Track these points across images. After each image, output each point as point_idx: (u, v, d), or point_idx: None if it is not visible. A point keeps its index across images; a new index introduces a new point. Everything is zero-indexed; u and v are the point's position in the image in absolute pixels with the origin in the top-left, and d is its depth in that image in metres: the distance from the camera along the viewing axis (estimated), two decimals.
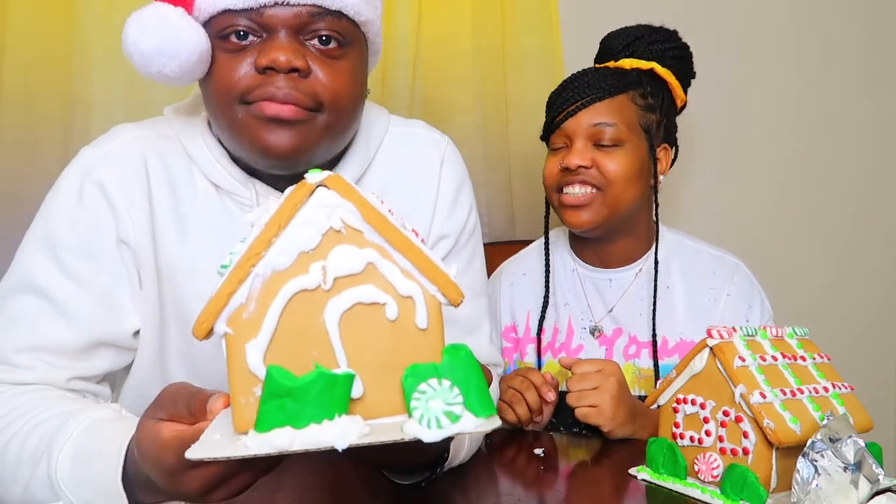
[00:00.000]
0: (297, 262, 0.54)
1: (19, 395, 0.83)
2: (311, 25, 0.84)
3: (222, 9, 0.82)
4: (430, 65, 1.59)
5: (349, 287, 0.54)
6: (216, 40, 0.84)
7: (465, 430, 0.51)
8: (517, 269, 1.39)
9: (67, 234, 0.90)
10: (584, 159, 1.22)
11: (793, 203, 1.81)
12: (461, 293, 0.54)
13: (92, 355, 0.90)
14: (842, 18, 1.79)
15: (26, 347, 0.87)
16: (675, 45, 1.31)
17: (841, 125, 1.81)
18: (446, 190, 1.03)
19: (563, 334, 1.31)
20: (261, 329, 0.53)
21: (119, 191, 0.91)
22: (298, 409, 0.50)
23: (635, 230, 1.30)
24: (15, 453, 0.77)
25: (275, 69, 0.82)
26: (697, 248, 1.32)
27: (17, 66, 1.38)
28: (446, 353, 0.52)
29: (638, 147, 1.25)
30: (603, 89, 1.24)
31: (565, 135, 1.25)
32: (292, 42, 0.83)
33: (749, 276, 1.28)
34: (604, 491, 0.91)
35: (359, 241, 0.54)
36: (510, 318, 1.36)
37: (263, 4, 0.82)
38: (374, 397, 0.54)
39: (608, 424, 1.06)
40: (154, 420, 0.63)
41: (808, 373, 0.84)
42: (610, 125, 1.23)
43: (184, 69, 0.83)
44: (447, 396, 0.51)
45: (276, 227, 0.54)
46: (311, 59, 0.84)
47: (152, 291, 0.93)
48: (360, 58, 0.90)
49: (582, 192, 1.23)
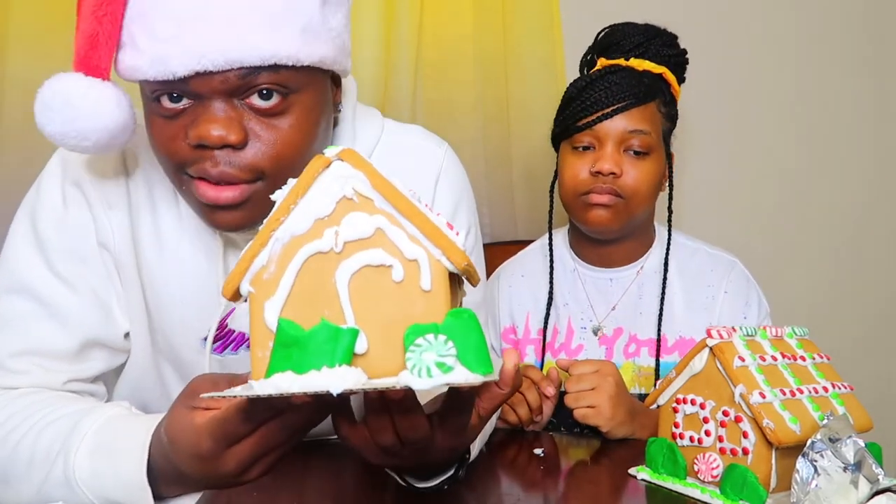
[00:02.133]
0: (313, 227, 0.57)
1: (22, 398, 0.83)
2: (244, 86, 0.75)
3: (142, 79, 0.75)
4: (432, 67, 1.60)
5: (359, 250, 0.57)
6: (150, 102, 0.78)
7: (455, 381, 0.52)
8: (515, 271, 1.38)
9: (54, 234, 0.89)
10: (617, 166, 1.20)
11: (793, 202, 1.80)
12: (465, 257, 0.56)
13: (86, 357, 0.90)
14: (842, 15, 1.78)
15: (21, 352, 0.86)
16: (679, 52, 1.30)
17: (841, 124, 1.81)
18: (443, 205, 0.99)
19: (562, 334, 1.31)
20: (278, 288, 0.57)
21: (96, 191, 0.90)
22: (302, 357, 0.54)
23: (638, 232, 1.31)
24: (27, 454, 0.76)
25: (207, 146, 0.75)
26: (695, 246, 1.32)
27: (19, 65, 1.39)
28: (450, 315, 0.54)
29: (661, 157, 1.25)
30: (638, 94, 1.22)
31: (595, 136, 1.22)
32: (226, 109, 0.75)
33: (745, 273, 1.29)
34: (603, 491, 0.91)
35: (369, 209, 0.57)
36: (509, 319, 1.35)
37: (182, 77, 0.73)
38: (378, 356, 0.56)
39: (607, 425, 1.06)
40: (187, 409, 0.65)
41: (807, 373, 0.84)
42: (644, 132, 1.21)
43: (100, 146, 0.78)
44: (441, 349, 0.53)
45: (294, 196, 0.58)
46: (249, 123, 0.76)
47: (136, 294, 0.92)
48: (314, 98, 0.81)
49: (607, 196, 1.22)
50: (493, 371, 0.55)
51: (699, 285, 1.28)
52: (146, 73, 0.74)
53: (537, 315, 1.33)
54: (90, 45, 0.76)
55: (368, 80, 1.51)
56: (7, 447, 0.78)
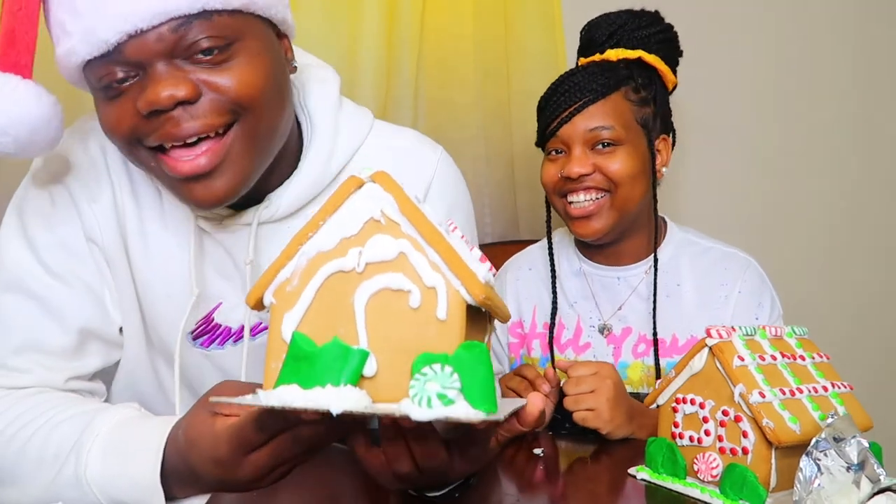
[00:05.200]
0: (339, 245, 0.58)
1: (28, 398, 0.83)
2: (181, 42, 0.73)
3: (80, 62, 0.74)
4: (433, 66, 1.60)
5: (380, 273, 0.57)
6: (96, 91, 0.77)
7: (454, 416, 0.51)
8: (523, 264, 1.38)
9: (44, 231, 0.89)
10: (585, 166, 1.20)
11: (793, 200, 1.80)
12: (484, 289, 0.56)
13: (84, 352, 0.90)
14: (841, 6, 1.78)
15: (19, 349, 0.86)
16: (660, 29, 1.28)
17: (842, 123, 1.80)
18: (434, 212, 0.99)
19: (570, 331, 1.30)
20: (298, 302, 0.58)
21: (80, 187, 0.90)
22: (309, 372, 0.54)
23: (642, 227, 1.29)
24: (35, 454, 0.76)
25: (160, 110, 0.74)
26: (708, 245, 1.30)
27: None
28: (462, 347, 0.54)
29: (637, 144, 1.23)
30: (595, 90, 1.21)
31: (561, 141, 1.23)
32: (170, 70, 0.74)
33: (760, 273, 1.26)
34: (603, 491, 0.91)
35: (395, 232, 0.58)
36: (516, 313, 1.35)
37: (116, 43, 0.72)
38: (386, 380, 0.56)
39: (606, 427, 1.06)
40: (209, 413, 0.65)
41: (807, 372, 0.84)
42: (607, 128, 1.20)
43: (20, 142, 0.76)
44: (445, 381, 0.52)
45: (325, 213, 0.59)
46: (199, 76, 0.75)
47: (128, 288, 0.93)
48: (258, 45, 0.78)
49: (588, 200, 1.21)
50: (497, 410, 0.53)
51: (712, 284, 1.25)
52: (80, 52, 0.73)
53: (544, 309, 1.32)
54: (7, 42, 0.75)
55: (370, 80, 1.51)
56: (14, 446, 0.78)
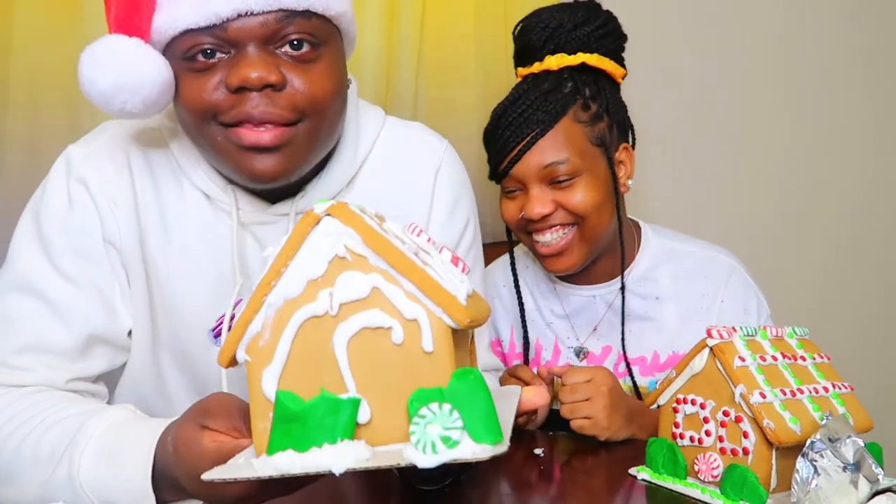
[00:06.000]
0: (307, 289, 0.55)
1: (26, 397, 0.83)
2: (279, 32, 0.79)
3: (183, 29, 0.78)
4: (434, 66, 1.60)
5: (356, 312, 0.55)
6: (181, 62, 0.80)
7: (461, 457, 0.50)
8: (499, 282, 1.33)
9: (59, 234, 0.90)
10: (546, 205, 1.13)
11: (792, 200, 1.80)
12: (467, 314, 0.54)
13: (89, 355, 0.90)
14: (830, 8, 1.78)
15: (24, 348, 0.87)
16: (598, 25, 1.17)
17: (841, 121, 1.80)
18: (443, 198, 1.00)
19: (548, 352, 1.27)
20: (274, 356, 0.55)
21: (102, 190, 0.91)
22: (302, 433, 0.52)
23: (613, 245, 1.22)
24: (30, 453, 0.77)
25: (248, 88, 0.78)
26: (687, 250, 1.23)
27: (23, 67, 1.39)
28: (455, 377, 0.52)
29: (597, 169, 1.15)
30: (541, 121, 1.12)
31: (516, 180, 1.16)
32: (263, 55, 0.79)
33: (744, 277, 1.21)
34: (603, 491, 0.91)
35: (364, 267, 0.55)
36: (494, 331, 1.32)
37: (226, 19, 0.77)
38: (382, 423, 0.54)
39: (604, 434, 1.04)
40: (198, 427, 0.64)
41: (807, 373, 0.84)
42: (561, 162, 1.12)
43: (147, 103, 0.80)
44: (446, 421, 0.51)
45: (285, 258, 0.56)
46: (284, 69, 0.80)
47: (141, 291, 0.93)
48: (336, 54, 0.86)
49: (555, 238, 1.15)
50: (504, 439, 0.52)
51: (692, 295, 1.19)
52: (188, 20, 0.77)
53: (520, 329, 1.28)
54: (131, 8, 0.79)
55: (370, 79, 1.51)
56: (10, 445, 0.78)
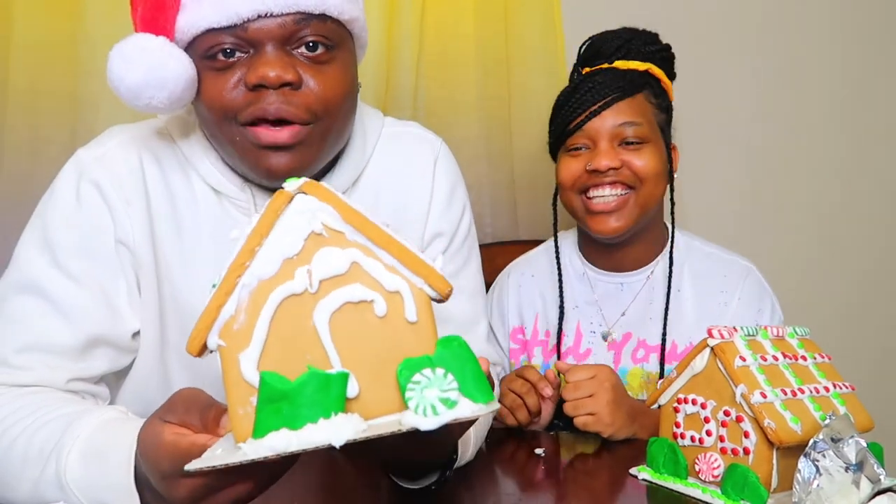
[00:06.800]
0: (283, 268, 0.54)
1: (21, 397, 0.83)
2: (296, 34, 0.83)
3: (205, 28, 0.81)
4: (433, 66, 1.60)
5: (336, 288, 0.54)
6: (202, 60, 0.83)
7: (462, 416, 0.50)
8: (526, 270, 1.37)
9: (66, 234, 0.90)
10: (614, 160, 1.20)
11: (794, 201, 1.80)
12: (448, 284, 0.54)
13: (90, 355, 0.90)
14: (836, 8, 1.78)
15: (25, 348, 0.86)
16: (662, 48, 1.31)
17: (841, 121, 1.80)
18: (441, 187, 1.03)
19: (570, 338, 1.29)
20: (252, 338, 0.54)
21: (115, 191, 0.91)
22: (294, 411, 0.51)
23: (649, 233, 1.29)
24: (21, 453, 0.77)
25: (265, 86, 0.81)
26: (709, 251, 1.30)
27: (24, 67, 1.39)
28: (439, 345, 0.53)
29: (659, 147, 1.25)
30: (623, 88, 1.22)
31: (587, 136, 1.23)
32: (280, 55, 0.82)
33: (760, 279, 1.26)
34: (604, 491, 0.91)
35: (341, 242, 0.54)
36: (518, 319, 1.34)
37: (247, 19, 0.80)
38: (371, 396, 0.54)
39: (607, 431, 1.06)
40: (160, 421, 0.63)
41: (808, 373, 0.84)
42: (636, 123, 1.21)
43: (173, 99, 0.82)
44: (442, 384, 0.51)
45: (258, 237, 0.55)
46: (300, 69, 0.83)
47: (152, 292, 0.93)
48: (349, 57, 0.90)
49: (613, 195, 1.21)
50: (494, 397, 0.53)
51: (712, 291, 1.25)
52: (210, 20, 0.80)
53: (545, 316, 1.32)
54: (157, 8, 0.82)
55: (370, 79, 1.51)
56: (3, 444, 0.78)
